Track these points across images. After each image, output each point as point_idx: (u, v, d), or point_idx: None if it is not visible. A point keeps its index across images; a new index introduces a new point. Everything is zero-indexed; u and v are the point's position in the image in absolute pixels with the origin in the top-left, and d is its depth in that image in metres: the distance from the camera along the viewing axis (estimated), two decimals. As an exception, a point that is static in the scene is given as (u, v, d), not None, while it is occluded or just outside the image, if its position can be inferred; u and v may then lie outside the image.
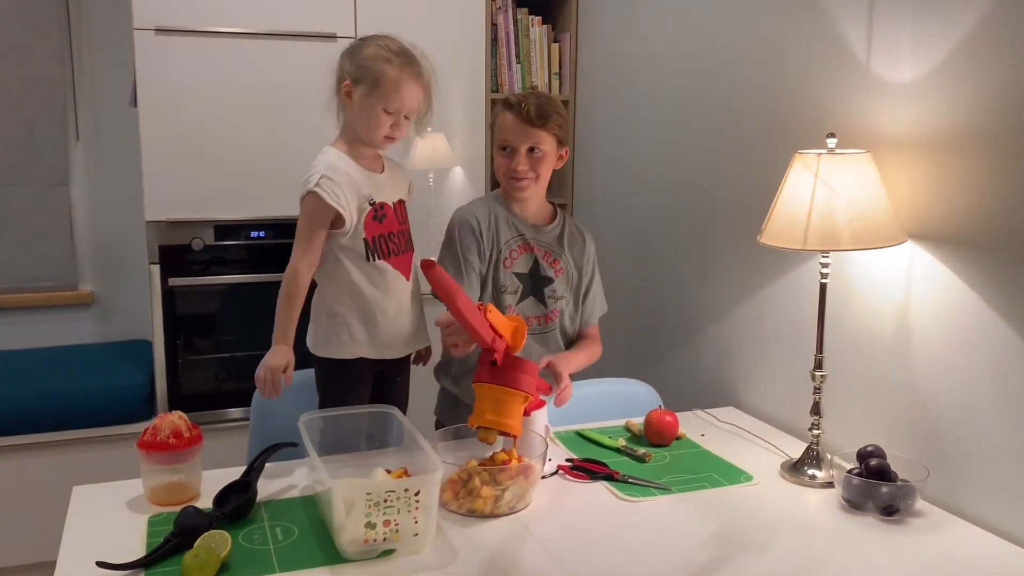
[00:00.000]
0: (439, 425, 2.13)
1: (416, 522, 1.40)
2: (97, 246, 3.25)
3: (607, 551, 1.45)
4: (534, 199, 2.05)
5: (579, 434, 1.98)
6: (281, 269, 1.84)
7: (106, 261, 3.27)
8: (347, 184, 1.79)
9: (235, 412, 2.90)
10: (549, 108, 1.96)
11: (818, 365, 1.75)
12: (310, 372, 1.95)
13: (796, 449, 1.85)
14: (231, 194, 2.81)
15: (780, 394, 2.09)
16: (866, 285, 1.81)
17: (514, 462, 1.60)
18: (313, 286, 1.86)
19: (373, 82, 1.78)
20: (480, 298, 2.02)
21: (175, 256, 2.78)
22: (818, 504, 1.65)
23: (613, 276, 2.81)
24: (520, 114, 1.94)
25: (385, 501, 1.37)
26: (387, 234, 1.86)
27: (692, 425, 2.04)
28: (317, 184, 1.76)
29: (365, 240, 1.81)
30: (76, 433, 2.73)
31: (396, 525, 1.39)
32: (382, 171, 1.91)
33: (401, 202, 1.93)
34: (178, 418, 1.61)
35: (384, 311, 1.85)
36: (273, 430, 1.96)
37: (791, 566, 1.41)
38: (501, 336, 1.60)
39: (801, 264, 1.99)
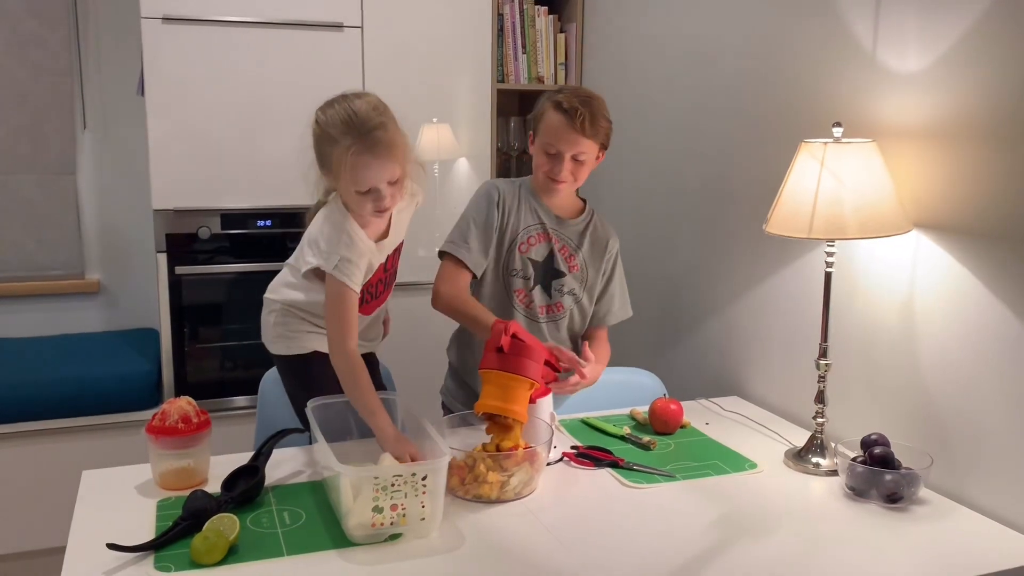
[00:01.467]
0: (443, 405, 2.14)
1: (423, 507, 1.42)
2: (104, 234, 3.27)
3: (612, 537, 1.46)
4: (566, 197, 2.05)
5: (584, 422, 1.99)
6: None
7: (113, 249, 3.28)
8: (362, 263, 1.71)
9: (240, 400, 2.91)
10: (600, 116, 1.93)
11: (823, 354, 1.75)
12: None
13: (800, 437, 1.86)
14: (238, 183, 2.82)
15: (784, 383, 2.10)
16: (871, 274, 1.82)
17: (520, 448, 1.61)
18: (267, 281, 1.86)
19: (331, 169, 1.64)
20: (489, 277, 2.01)
21: (182, 245, 2.80)
22: (822, 492, 1.65)
23: (627, 269, 2.82)
24: (572, 121, 1.89)
25: (392, 486, 1.38)
26: (367, 287, 1.80)
27: (696, 414, 2.05)
28: (336, 268, 1.66)
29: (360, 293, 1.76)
30: (83, 420, 2.75)
31: (403, 510, 1.40)
32: (386, 235, 1.80)
33: (397, 249, 1.86)
34: (187, 403, 1.63)
35: None
36: (278, 417, 1.98)
37: (795, 553, 1.42)
38: (508, 323, 1.61)
39: (806, 253, 2.00)
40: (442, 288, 1.94)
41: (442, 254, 1.99)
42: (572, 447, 1.81)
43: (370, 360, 1.97)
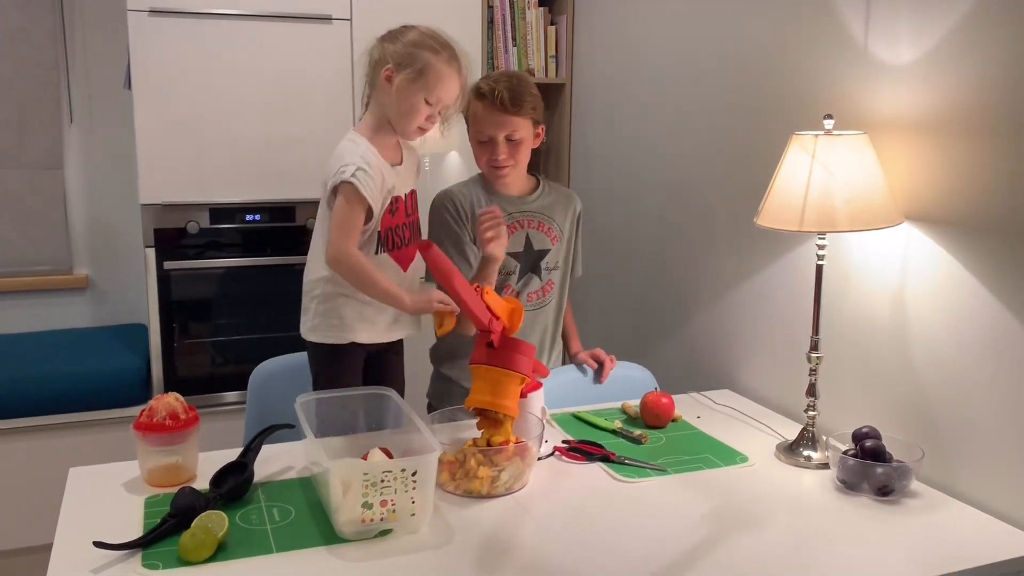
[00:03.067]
0: (431, 409, 2.13)
1: (413, 502, 1.41)
2: (92, 229, 3.25)
3: (602, 531, 1.45)
4: (516, 180, 2.05)
5: (576, 416, 1.98)
6: (276, 252, 1.84)
7: (101, 245, 3.26)
8: (377, 179, 1.75)
9: (231, 396, 2.90)
10: (522, 91, 1.92)
11: (814, 347, 1.75)
12: (303, 355, 1.95)
13: (792, 431, 1.86)
14: (226, 177, 2.79)
15: (776, 376, 2.10)
16: (863, 267, 1.81)
17: (511, 443, 1.60)
18: (300, 271, 1.86)
19: (419, 71, 1.73)
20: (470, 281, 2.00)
21: (170, 239, 2.78)
22: (813, 485, 1.65)
23: (609, 259, 2.82)
24: (493, 103, 1.90)
25: (382, 481, 1.37)
26: (396, 227, 1.84)
27: (688, 407, 2.05)
28: (354, 176, 1.71)
29: (378, 233, 1.79)
30: (71, 417, 2.73)
31: (393, 505, 1.39)
32: (401, 162, 1.86)
33: (413, 192, 1.90)
34: (174, 399, 1.61)
35: (375, 301, 1.84)
36: (269, 412, 1.97)
37: (786, 547, 1.42)
38: (498, 317, 1.60)
39: (798, 246, 1.99)
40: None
41: None
42: (563, 441, 1.80)
43: (395, 350, 1.96)
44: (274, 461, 1.69)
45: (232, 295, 2.90)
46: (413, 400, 2.01)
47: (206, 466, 1.62)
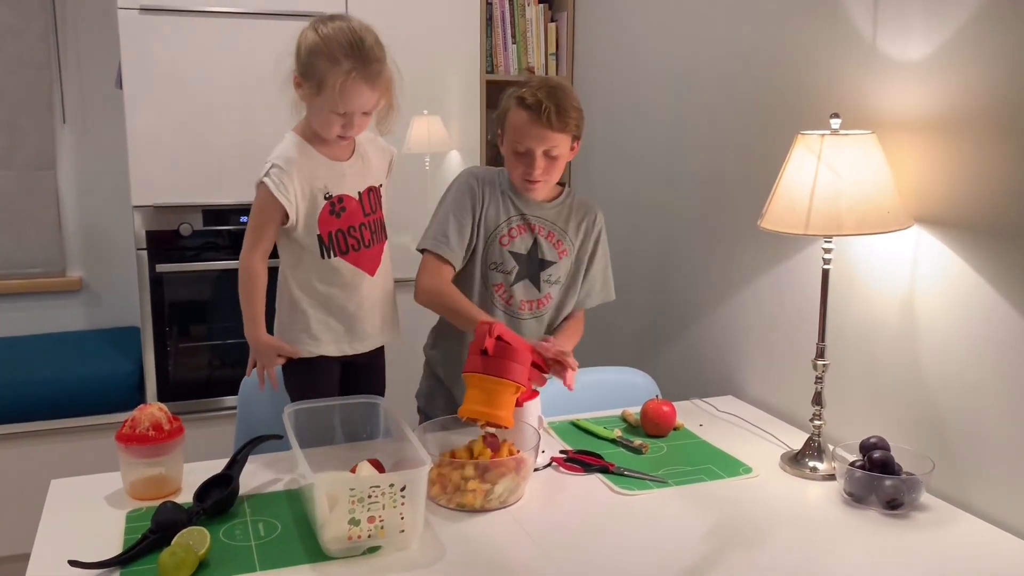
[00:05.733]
0: (420, 411, 2.07)
1: (402, 518, 1.35)
2: (85, 231, 3.20)
3: (601, 546, 1.40)
4: (543, 192, 1.97)
5: (574, 424, 1.93)
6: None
7: (95, 246, 3.21)
8: (299, 176, 1.69)
9: (227, 400, 2.85)
10: (568, 107, 1.83)
11: (820, 354, 1.69)
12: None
13: (797, 440, 1.80)
14: (220, 178, 2.74)
15: (780, 383, 2.04)
16: (870, 271, 1.75)
17: (505, 454, 1.55)
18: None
19: (318, 84, 1.63)
20: (468, 271, 1.93)
21: (163, 242, 2.73)
22: (819, 497, 1.59)
23: (613, 264, 2.75)
24: (538, 117, 1.80)
25: (369, 497, 1.32)
26: (346, 228, 1.74)
27: (690, 415, 1.99)
28: (267, 174, 1.68)
29: (319, 236, 1.72)
30: (63, 422, 2.68)
31: (381, 522, 1.34)
32: (349, 157, 1.78)
33: (372, 190, 1.80)
34: (158, 410, 1.56)
35: (343, 308, 1.78)
36: (259, 420, 1.92)
37: (791, 561, 1.36)
38: (495, 323, 1.55)
39: (803, 249, 1.93)
40: (425, 282, 1.87)
41: (423, 250, 1.92)
42: (561, 451, 1.75)
43: (374, 362, 1.91)
44: (261, 473, 1.64)
45: (226, 298, 2.85)
46: (401, 401, 1.96)
47: (192, 477, 1.56)
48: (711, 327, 2.31)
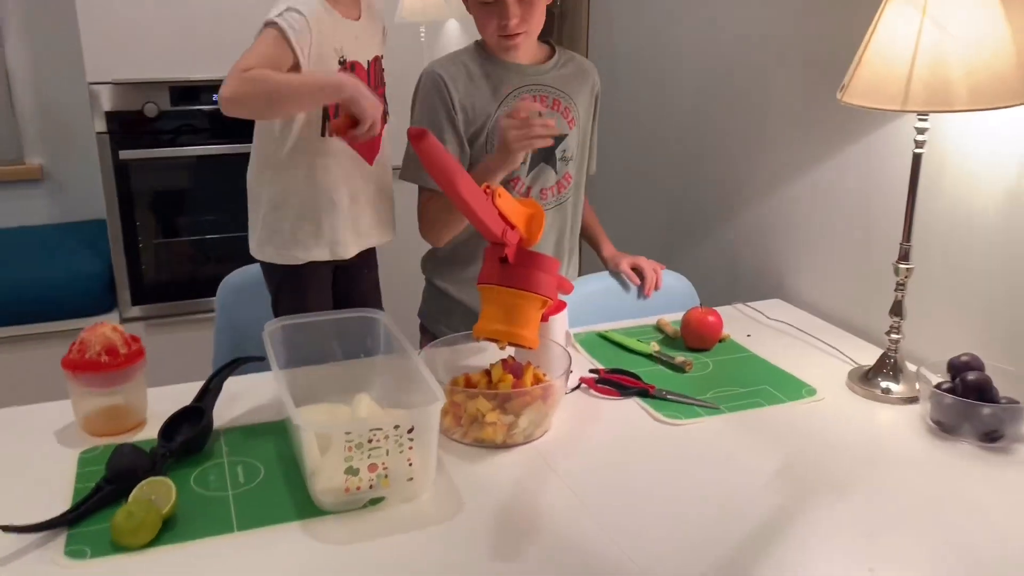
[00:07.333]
0: (423, 330, 1.82)
1: (410, 464, 1.11)
2: (43, 113, 2.86)
3: (645, 490, 1.16)
4: (528, 48, 1.65)
5: (602, 336, 1.67)
6: (250, 137, 1.49)
7: (54, 131, 2.88)
8: (317, 29, 1.41)
9: (208, 302, 2.59)
10: None
11: (904, 256, 1.42)
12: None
13: (861, 352, 1.56)
14: (189, 50, 2.39)
15: (840, 287, 1.77)
16: (967, 156, 1.46)
17: (530, 381, 1.30)
18: (242, 172, 1.52)
19: None
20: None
21: (126, 124, 2.40)
22: (899, 426, 1.35)
23: (634, 147, 2.44)
24: None
25: (370, 442, 1.07)
26: None
27: (735, 323, 1.73)
28: (280, 15, 1.38)
29: (325, 110, 1.44)
30: (22, 329, 2.42)
31: (384, 470, 1.09)
32: (359, 17, 1.51)
33: (377, 60, 1.54)
34: (111, 331, 1.29)
35: (334, 202, 1.51)
36: (241, 332, 1.67)
37: (873, 505, 1.13)
38: (513, 227, 1.26)
39: (877, 128, 1.63)
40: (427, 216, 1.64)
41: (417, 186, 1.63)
42: (591, 370, 1.50)
43: (365, 262, 1.63)
44: (243, 398, 1.39)
45: (203, 188, 2.55)
46: (401, 320, 1.71)
47: (161, 405, 1.32)
48: (755, 221, 2.02)
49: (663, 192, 2.38)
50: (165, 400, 1.33)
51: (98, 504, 1.10)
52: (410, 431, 1.09)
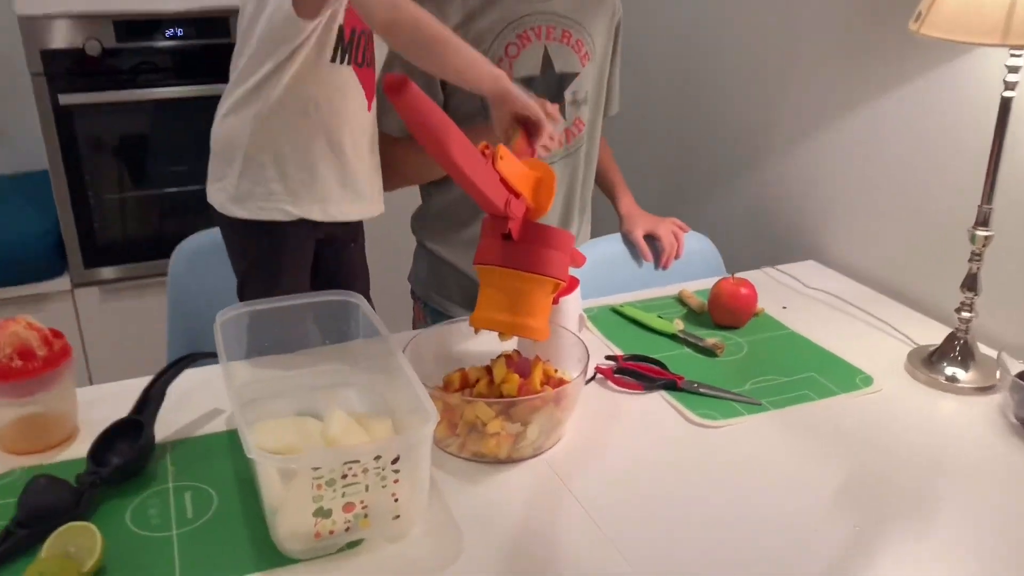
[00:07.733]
0: (414, 297, 1.59)
1: (396, 500, 0.89)
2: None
3: (683, 516, 0.95)
4: None
5: (616, 311, 1.44)
6: (209, 78, 1.23)
7: (-12, 70, 2.56)
8: None
9: (166, 264, 2.33)
10: None
11: (982, 220, 1.19)
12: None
13: (919, 329, 1.34)
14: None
15: (883, 250, 1.55)
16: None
17: (539, 380, 1.07)
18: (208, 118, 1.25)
19: None
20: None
21: (65, 64, 2.11)
22: (974, 423, 1.15)
23: (644, 86, 2.17)
24: None
25: (344, 477, 0.85)
26: (362, 31, 1.22)
27: (767, 292, 1.50)
28: None
29: (341, 29, 1.17)
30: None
31: (364, 509, 0.88)
32: None
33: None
34: (25, 328, 1.05)
35: (339, 145, 1.24)
36: (196, 311, 1.44)
37: (956, 523, 0.93)
38: (518, 195, 1.02)
39: (946, 63, 1.38)
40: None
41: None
42: (607, 357, 1.28)
43: (351, 244, 1.39)
44: (194, 398, 1.16)
45: (158, 136, 2.28)
46: (390, 288, 1.48)
47: (97, 411, 1.09)
48: (785, 172, 1.78)
49: (677, 138, 2.12)
50: (104, 403, 1.11)
51: (7, 554, 0.88)
52: (395, 461, 0.87)
